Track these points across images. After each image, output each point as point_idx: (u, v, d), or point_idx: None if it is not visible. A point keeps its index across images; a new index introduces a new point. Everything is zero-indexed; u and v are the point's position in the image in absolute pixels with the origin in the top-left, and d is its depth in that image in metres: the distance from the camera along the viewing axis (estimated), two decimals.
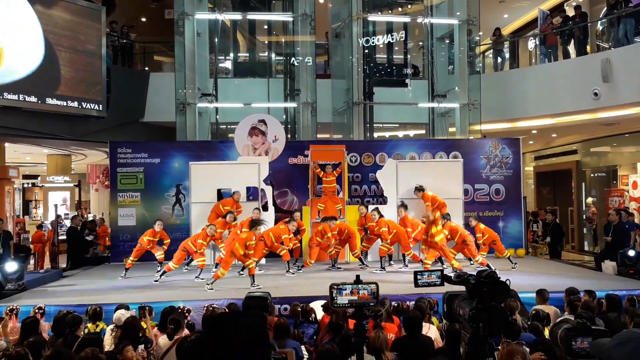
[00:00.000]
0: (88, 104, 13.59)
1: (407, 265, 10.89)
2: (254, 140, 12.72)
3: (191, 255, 10.23)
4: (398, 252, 11.35)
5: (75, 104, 13.35)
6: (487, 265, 9.49)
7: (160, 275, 9.96)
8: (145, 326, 6.05)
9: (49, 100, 12.89)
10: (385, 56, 16.91)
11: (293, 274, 10.39)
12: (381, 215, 10.72)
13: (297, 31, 14.92)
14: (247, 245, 9.01)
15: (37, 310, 7.05)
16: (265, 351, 1.83)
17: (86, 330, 6.17)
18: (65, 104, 13.16)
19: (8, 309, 7.13)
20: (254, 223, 9.38)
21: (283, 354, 4.34)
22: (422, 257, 10.57)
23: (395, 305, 6.83)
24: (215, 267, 10.02)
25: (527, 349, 4.64)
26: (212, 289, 8.85)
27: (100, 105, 13.79)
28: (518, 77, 15.14)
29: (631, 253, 10.15)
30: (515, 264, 10.82)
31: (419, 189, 11.26)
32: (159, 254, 10.61)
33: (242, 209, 11.28)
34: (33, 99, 12.62)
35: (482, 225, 10.83)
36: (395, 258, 11.45)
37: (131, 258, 10.54)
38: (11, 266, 9.12)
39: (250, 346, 1.77)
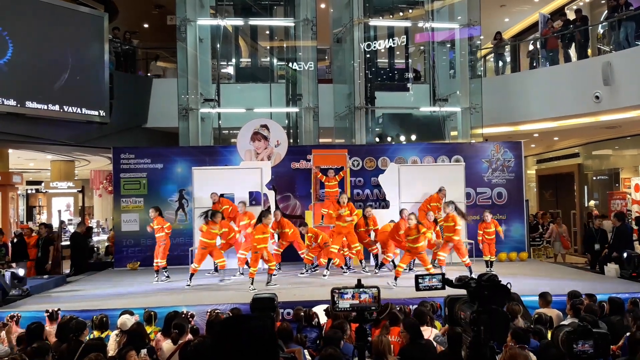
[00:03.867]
0: (91, 110, 13.67)
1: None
2: (257, 145, 12.76)
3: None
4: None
5: (79, 110, 13.44)
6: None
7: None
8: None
9: (53, 107, 12.97)
10: (387, 61, 16.96)
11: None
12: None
13: (299, 36, 14.98)
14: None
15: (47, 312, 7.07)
16: (274, 353, 1.85)
17: (92, 336, 6.20)
18: (68, 110, 13.25)
19: (9, 316, 7.15)
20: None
21: (292, 353, 4.37)
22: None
23: (398, 309, 6.85)
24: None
25: (531, 354, 4.65)
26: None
27: (103, 112, 13.87)
28: (519, 80, 15.18)
29: (624, 255, 10.19)
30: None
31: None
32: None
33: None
34: (36, 105, 12.71)
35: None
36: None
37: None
38: (18, 272, 9.15)
39: (258, 348, 1.79)
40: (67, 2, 13.91)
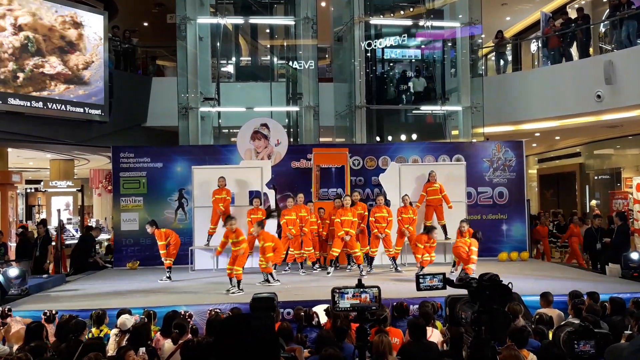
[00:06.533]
0: (90, 109, 13.64)
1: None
2: (257, 144, 12.73)
3: None
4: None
5: (78, 109, 13.40)
6: None
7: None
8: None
9: (52, 106, 12.94)
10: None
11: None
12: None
13: (299, 35, 14.95)
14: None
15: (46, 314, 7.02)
16: (276, 351, 1.82)
17: (90, 335, 6.18)
18: (67, 109, 13.21)
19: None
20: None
21: (292, 352, 4.35)
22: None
23: (395, 304, 6.85)
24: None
25: (532, 354, 4.62)
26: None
27: (103, 110, 13.84)
28: (520, 79, 15.13)
29: (634, 256, 10.09)
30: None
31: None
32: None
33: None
34: (36, 104, 12.67)
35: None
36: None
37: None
38: (13, 271, 9.12)
39: (260, 347, 1.77)
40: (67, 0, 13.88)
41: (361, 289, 3.57)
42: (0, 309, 7.19)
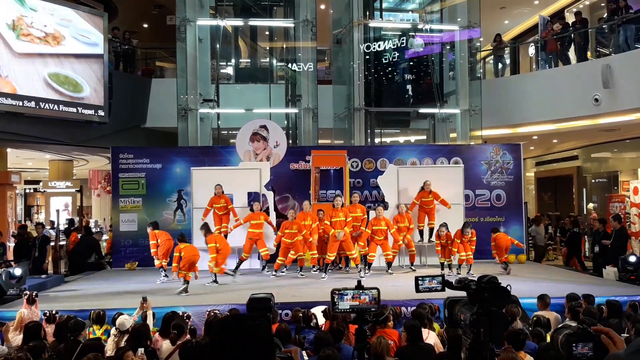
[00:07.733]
0: (90, 110, 13.64)
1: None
2: (256, 145, 12.75)
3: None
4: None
5: (77, 109, 13.41)
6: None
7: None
8: None
9: (51, 106, 12.94)
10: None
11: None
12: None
13: (299, 37, 14.97)
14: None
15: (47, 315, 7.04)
16: (271, 352, 1.85)
17: (91, 332, 6.20)
18: (67, 109, 13.21)
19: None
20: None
21: (288, 353, 4.36)
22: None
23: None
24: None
25: (520, 357, 4.65)
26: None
27: (102, 111, 13.84)
28: (518, 83, 15.18)
29: (632, 258, 10.13)
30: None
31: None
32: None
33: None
34: (35, 104, 12.68)
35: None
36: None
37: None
38: (17, 271, 9.13)
39: (255, 347, 1.78)
40: (66, 1, 13.88)
41: (360, 291, 3.59)
42: (27, 293, 7.23)
